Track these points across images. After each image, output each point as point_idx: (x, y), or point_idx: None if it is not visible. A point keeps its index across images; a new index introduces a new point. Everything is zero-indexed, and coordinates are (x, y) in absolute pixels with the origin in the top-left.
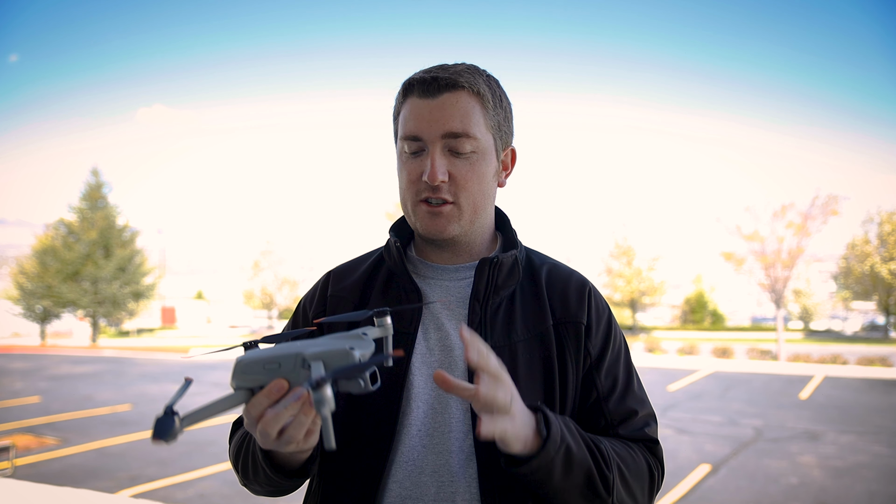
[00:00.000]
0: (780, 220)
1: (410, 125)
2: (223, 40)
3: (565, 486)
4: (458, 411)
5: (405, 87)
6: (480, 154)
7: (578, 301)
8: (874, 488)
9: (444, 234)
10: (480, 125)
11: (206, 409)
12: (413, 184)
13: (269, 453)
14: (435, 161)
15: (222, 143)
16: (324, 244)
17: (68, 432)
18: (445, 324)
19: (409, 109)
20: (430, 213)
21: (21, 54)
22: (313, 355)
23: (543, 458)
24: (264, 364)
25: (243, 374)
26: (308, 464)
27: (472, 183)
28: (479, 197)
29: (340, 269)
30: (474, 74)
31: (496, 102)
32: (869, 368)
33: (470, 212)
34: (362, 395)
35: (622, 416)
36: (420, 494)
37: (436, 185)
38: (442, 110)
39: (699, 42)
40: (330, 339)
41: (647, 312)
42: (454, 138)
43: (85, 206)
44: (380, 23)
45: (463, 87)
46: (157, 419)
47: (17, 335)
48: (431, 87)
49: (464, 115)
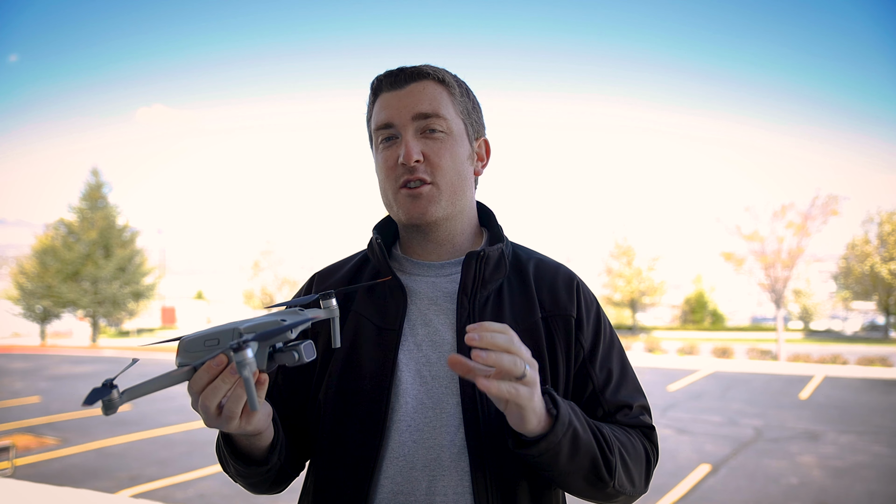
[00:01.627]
0: (780, 220)
1: (382, 115)
2: (223, 40)
3: (570, 469)
4: (450, 405)
5: (373, 87)
6: (452, 135)
7: (567, 294)
8: (874, 488)
9: (427, 215)
10: (449, 108)
11: (148, 384)
12: (391, 170)
13: (231, 443)
14: (409, 142)
15: (222, 143)
16: (324, 244)
17: (68, 432)
18: (433, 319)
19: (380, 104)
20: (410, 196)
21: (21, 54)
22: (247, 328)
23: (552, 440)
24: (204, 341)
25: (186, 352)
26: (270, 453)
27: (447, 161)
28: (456, 177)
29: (325, 270)
30: (438, 68)
31: (462, 91)
32: (869, 368)
33: (449, 192)
34: (352, 395)
35: (619, 406)
36: (411, 489)
37: (412, 165)
38: (410, 96)
39: (699, 42)
40: (267, 316)
41: (647, 312)
42: (424, 119)
43: (85, 206)
44: (380, 23)
45: (428, 75)
46: (93, 389)
47: (17, 335)
48: (398, 78)
49: (431, 99)
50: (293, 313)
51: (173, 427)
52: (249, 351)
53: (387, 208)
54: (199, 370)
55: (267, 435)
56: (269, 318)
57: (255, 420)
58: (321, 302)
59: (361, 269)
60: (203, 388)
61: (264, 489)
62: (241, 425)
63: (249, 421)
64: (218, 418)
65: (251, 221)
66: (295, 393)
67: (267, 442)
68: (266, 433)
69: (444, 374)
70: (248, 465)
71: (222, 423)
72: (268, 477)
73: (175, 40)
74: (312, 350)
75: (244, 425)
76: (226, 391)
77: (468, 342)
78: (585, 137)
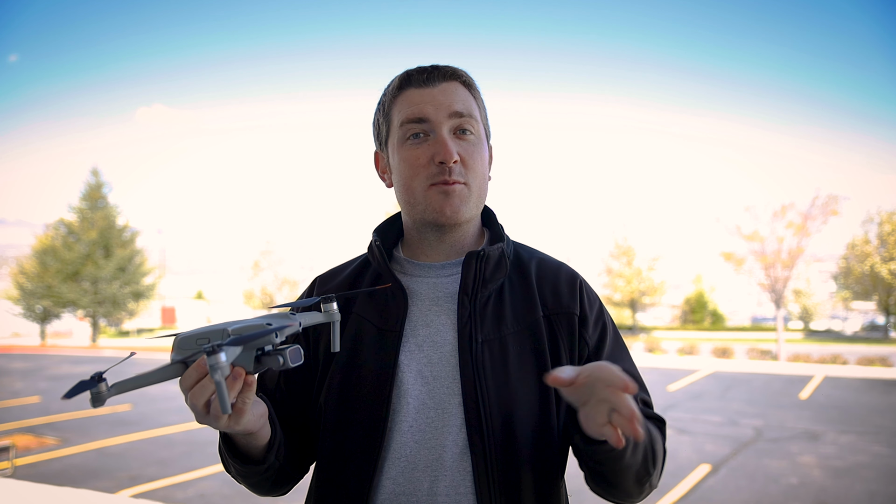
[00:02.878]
0: (780, 220)
1: (413, 109)
2: (223, 40)
3: (631, 464)
4: (452, 406)
5: (402, 80)
6: (480, 138)
7: (570, 292)
8: (874, 488)
9: (458, 215)
10: (476, 112)
11: (138, 378)
12: (422, 168)
13: (229, 441)
14: (448, 141)
15: (222, 143)
16: (324, 244)
17: (68, 432)
18: (434, 320)
19: (408, 98)
20: (443, 193)
21: (21, 54)
22: (234, 330)
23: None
24: (196, 339)
25: (179, 349)
26: (267, 452)
27: (479, 164)
28: (483, 182)
29: (327, 273)
30: (465, 72)
31: (481, 97)
32: (869, 368)
33: (477, 195)
34: (353, 397)
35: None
36: (413, 490)
37: (451, 165)
38: (445, 95)
39: (699, 42)
40: (257, 318)
41: (647, 312)
42: (459, 118)
43: (85, 206)
44: (379, 23)
45: (459, 78)
46: (79, 381)
47: (17, 335)
48: (432, 76)
49: (465, 100)
50: (283, 317)
51: (173, 427)
52: (223, 355)
53: (407, 205)
54: (188, 368)
55: (263, 434)
56: (257, 321)
57: (245, 420)
58: (321, 306)
59: (363, 273)
60: (192, 386)
61: (266, 489)
62: (230, 424)
63: (238, 420)
64: (207, 416)
65: (251, 221)
66: (297, 394)
67: (263, 441)
68: (261, 432)
69: (445, 375)
70: (246, 463)
71: (211, 421)
72: (266, 476)
73: (175, 40)
74: (299, 355)
75: (233, 424)
76: (213, 390)
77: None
78: (585, 137)
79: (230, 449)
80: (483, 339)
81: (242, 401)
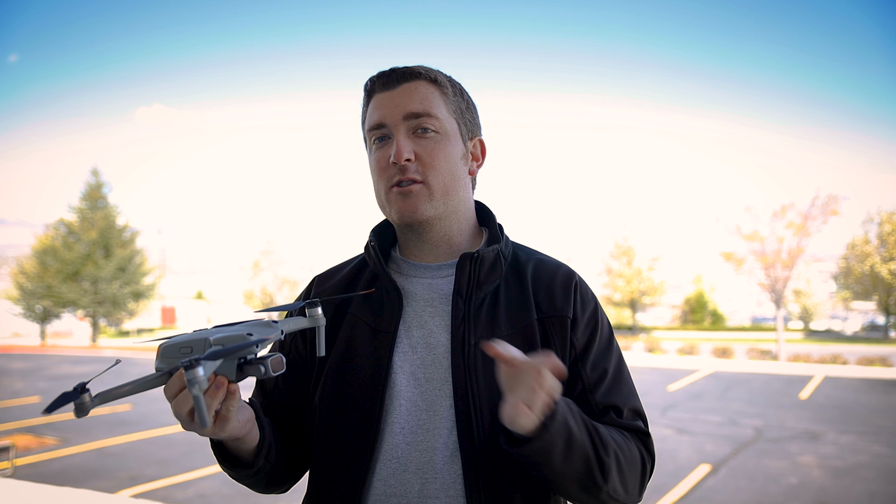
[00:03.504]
0: (780, 220)
1: (374, 116)
2: (223, 40)
3: (564, 471)
4: (443, 408)
5: (367, 88)
6: (444, 135)
7: (564, 295)
8: (874, 488)
9: (417, 213)
10: (441, 108)
11: (122, 388)
12: (383, 171)
13: (219, 446)
14: (400, 141)
15: (222, 143)
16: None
17: (68, 432)
18: (428, 321)
19: (373, 105)
20: (400, 195)
21: (21, 54)
22: (216, 340)
23: (545, 438)
24: (179, 348)
25: (163, 357)
26: (256, 456)
27: (439, 160)
28: (448, 177)
29: (324, 273)
30: (430, 68)
31: (455, 91)
32: (869, 368)
33: (440, 191)
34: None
35: (608, 408)
36: (404, 491)
37: (403, 164)
38: (402, 96)
39: (699, 42)
40: (240, 326)
41: (647, 312)
42: (416, 118)
43: (85, 206)
44: (379, 23)
45: (420, 75)
46: (62, 393)
47: (17, 335)
48: (390, 78)
49: (423, 98)
50: (265, 326)
51: (173, 427)
52: (200, 369)
53: (381, 209)
54: (171, 378)
55: (251, 438)
56: (239, 330)
57: (229, 427)
58: (306, 311)
59: (360, 273)
60: (175, 396)
61: (261, 489)
62: (215, 431)
63: (223, 428)
64: (191, 423)
65: (251, 221)
66: (295, 394)
67: (252, 445)
68: (249, 437)
69: (438, 377)
70: (235, 467)
71: (196, 428)
72: (257, 479)
73: (175, 40)
74: (281, 364)
75: (217, 431)
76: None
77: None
78: (585, 137)
79: (220, 453)
80: (476, 342)
81: (227, 408)
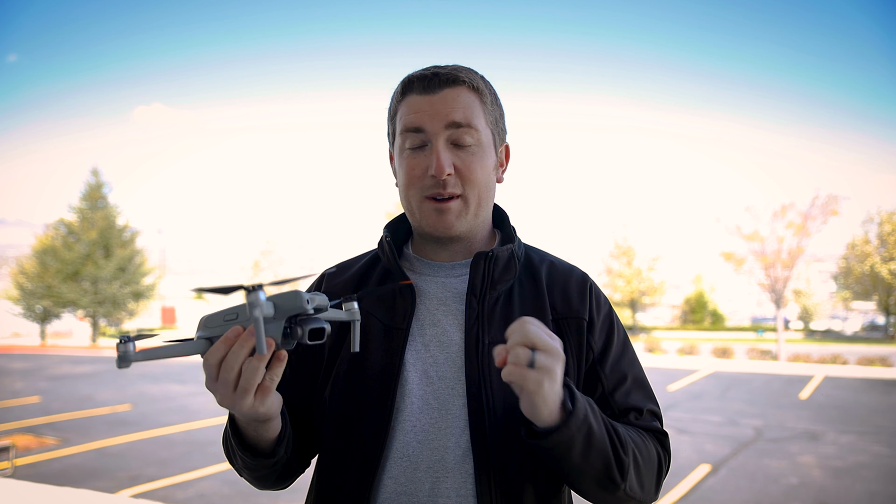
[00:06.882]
0: (780, 220)
1: (412, 118)
2: (223, 40)
3: (582, 466)
4: (456, 407)
5: (404, 85)
6: (482, 147)
7: (580, 296)
8: (874, 488)
9: (452, 230)
10: (480, 118)
11: (165, 349)
12: (417, 179)
13: (239, 433)
14: (440, 154)
15: (222, 143)
16: (324, 244)
17: (68, 432)
18: (442, 320)
19: (409, 105)
20: (436, 210)
21: (21, 54)
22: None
23: (565, 433)
24: (224, 315)
25: (206, 327)
26: (277, 445)
27: (478, 175)
28: (484, 191)
29: (336, 267)
30: (471, 72)
31: (492, 99)
32: (869, 368)
33: (475, 206)
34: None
35: (628, 409)
36: (415, 490)
37: (443, 178)
38: (444, 103)
39: (699, 42)
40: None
41: (647, 312)
42: (457, 128)
43: (85, 206)
44: (379, 23)
45: (463, 83)
46: (118, 345)
47: (17, 335)
48: (432, 82)
49: (465, 108)
50: (313, 292)
51: (173, 427)
52: (262, 293)
53: (407, 212)
54: (216, 342)
55: (275, 426)
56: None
57: (269, 401)
58: (343, 305)
59: (372, 269)
60: (220, 361)
61: (270, 483)
62: (255, 404)
63: (263, 401)
64: (233, 393)
65: (251, 221)
66: (304, 387)
67: (275, 433)
68: (274, 423)
69: (450, 375)
70: (255, 456)
71: (237, 398)
72: (274, 470)
73: (174, 40)
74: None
75: (257, 405)
76: (242, 359)
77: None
78: (585, 137)
79: (239, 440)
80: (490, 341)
81: (270, 378)
